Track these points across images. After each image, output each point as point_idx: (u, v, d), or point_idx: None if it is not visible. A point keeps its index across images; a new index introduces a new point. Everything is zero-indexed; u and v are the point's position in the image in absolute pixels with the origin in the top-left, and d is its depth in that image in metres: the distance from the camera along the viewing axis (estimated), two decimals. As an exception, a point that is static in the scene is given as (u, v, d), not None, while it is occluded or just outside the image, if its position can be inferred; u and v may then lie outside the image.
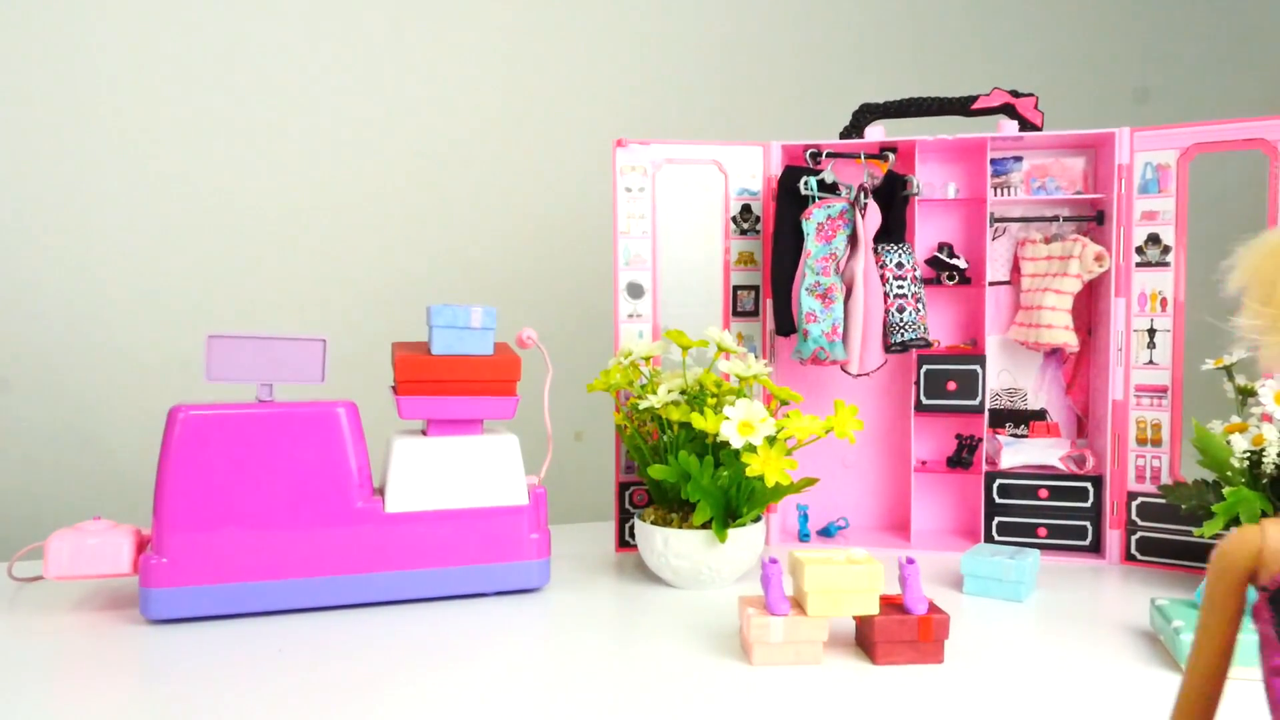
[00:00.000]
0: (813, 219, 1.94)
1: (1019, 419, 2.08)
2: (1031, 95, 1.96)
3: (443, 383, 1.65)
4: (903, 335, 1.93)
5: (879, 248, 1.96)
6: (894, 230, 1.98)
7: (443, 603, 1.63)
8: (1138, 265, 1.89)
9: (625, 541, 1.96)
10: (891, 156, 1.99)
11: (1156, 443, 1.87)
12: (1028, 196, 2.04)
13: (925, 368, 1.99)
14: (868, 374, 1.97)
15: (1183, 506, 1.70)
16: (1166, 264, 1.86)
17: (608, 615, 1.62)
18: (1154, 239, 1.87)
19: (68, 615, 1.55)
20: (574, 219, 2.58)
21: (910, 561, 1.37)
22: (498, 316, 1.70)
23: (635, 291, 2.00)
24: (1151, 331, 1.87)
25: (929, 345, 1.97)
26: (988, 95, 1.97)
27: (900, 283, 1.94)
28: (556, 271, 2.63)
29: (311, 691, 1.25)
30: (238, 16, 2.43)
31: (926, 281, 2.03)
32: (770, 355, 2.05)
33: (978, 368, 1.97)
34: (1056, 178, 2.04)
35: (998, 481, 1.97)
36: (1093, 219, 1.99)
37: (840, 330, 1.91)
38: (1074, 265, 1.95)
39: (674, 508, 1.75)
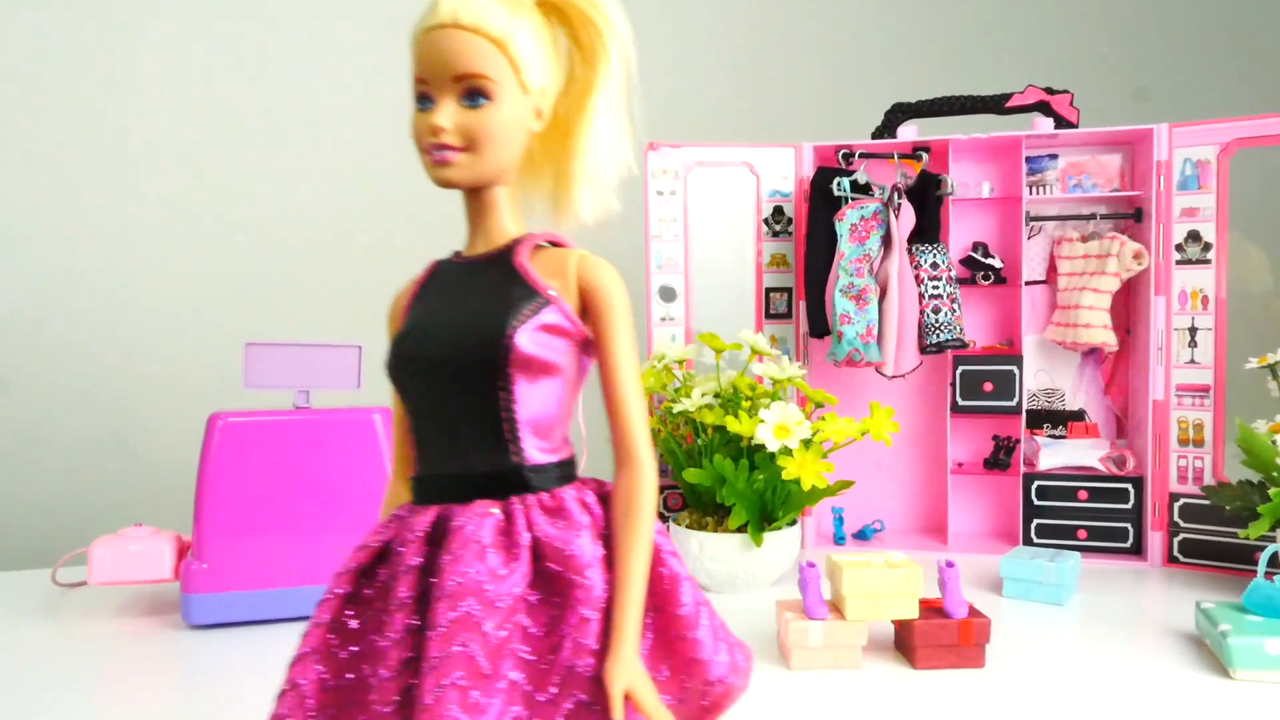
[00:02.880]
0: (846, 220, 1.93)
1: (1057, 419, 2.06)
2: (1066, 92, 1.94)
3: (477, 388, 1.65)
4: (938, 336, 1.91)
5: (913, 248, 1.95)
6: (928, 230, 1.96)
7: (479, 607, 1.63)
8: (1178, 263, 1.86)
9: (660, 545, 1.95)
10: (925, 156, 1.97)
11: (1199, 443, 1.84)
12: (1064, 195, 2.02)
13: (961, 369, 1.97)
14: (903, 375, 1.95)
15: (1227, 508, 1.67)
16: (1208, 261, 1.83)
17: (644, 619, 1.62)
18: (1194, 236, 1.84)
19: (110, 621, 1.57)
20: (605, 222, 2.59)
21: (950, 565, 1.35)
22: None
23: (667, 295, 2.00)
24: (1193, 330, 1.84)
25: (964, 346, 1.95)
26: (1022, 93, 1.96)
27: (935, 283, 1.93)
28: (588, 275, 2.64)
29: (351, 696, 1.26)
30: (270, 26, 2.46)
31: (962, 281, 2.01)
32: (804, 358, 2.04)
33: (1014, 368, 1.95)
34: (1093, 175, 2.02)
35: (1036, 483, 1.94)
36: (1130, 216, 1.97)
37: (875, 332, 1.90)
38: (1112, 264, 1.92)
39: (709, 511, 1.75)
